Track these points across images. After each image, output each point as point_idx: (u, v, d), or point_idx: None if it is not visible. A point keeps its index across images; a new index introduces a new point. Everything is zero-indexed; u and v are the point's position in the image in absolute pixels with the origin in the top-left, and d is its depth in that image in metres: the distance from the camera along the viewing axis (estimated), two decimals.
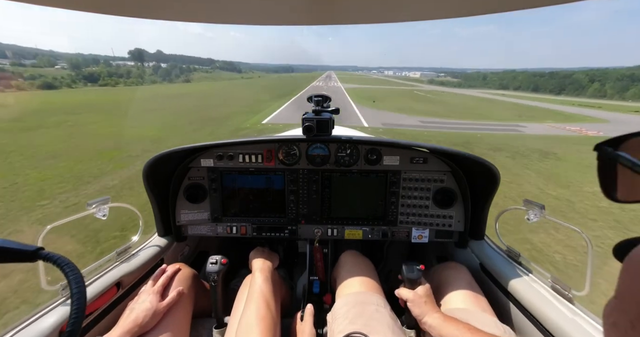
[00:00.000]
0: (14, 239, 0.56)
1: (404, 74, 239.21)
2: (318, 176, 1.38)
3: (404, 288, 1.08)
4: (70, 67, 64.24)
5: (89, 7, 0.67)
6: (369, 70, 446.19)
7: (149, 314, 0.93)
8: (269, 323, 0.92)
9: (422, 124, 16.42)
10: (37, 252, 0.54)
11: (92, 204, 1.09)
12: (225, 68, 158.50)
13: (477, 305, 1.04)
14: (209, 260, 1.13)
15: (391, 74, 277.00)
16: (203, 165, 1.37)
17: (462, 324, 0.87)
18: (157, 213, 1.37)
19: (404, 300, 1.05)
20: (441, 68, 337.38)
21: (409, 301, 1.02)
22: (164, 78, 74.70)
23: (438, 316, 0.93)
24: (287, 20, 0.77)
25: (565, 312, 0.89)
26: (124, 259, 1.19)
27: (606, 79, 75.55)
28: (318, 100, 1.32)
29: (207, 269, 1.11)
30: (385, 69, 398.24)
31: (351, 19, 0.76)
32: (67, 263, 0.54)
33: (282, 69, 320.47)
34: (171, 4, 0.65)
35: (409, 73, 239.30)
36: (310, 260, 1.43)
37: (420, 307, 0.98)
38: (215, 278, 1.10)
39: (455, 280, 1.16)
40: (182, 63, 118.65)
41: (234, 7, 0.66)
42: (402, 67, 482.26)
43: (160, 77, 74.17)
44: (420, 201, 1.38)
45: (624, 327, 0.24)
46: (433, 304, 1.00)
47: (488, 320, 0.97)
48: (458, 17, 0.70)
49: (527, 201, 1.09)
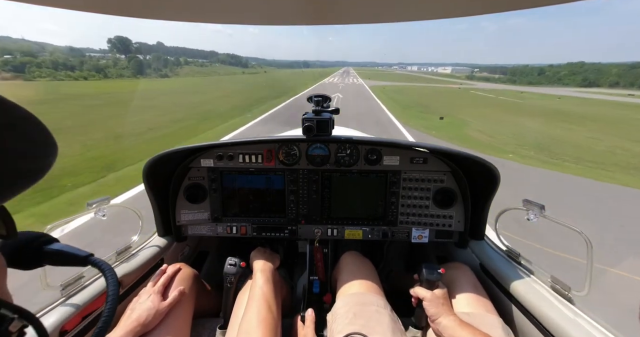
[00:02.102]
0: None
1: (431, 70, 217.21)
2: (318, 176, 1.38)
3: (420, 287, 1.07)
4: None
5: (89, 7, 0.67)
6: (389, 66, 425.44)
7: (151, 314, 0.93)
8: (270, 324, 0.93)
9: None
10: (88, 258, 0.62)
11: (92, 204, 1.09)
12: (228, 62, 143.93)
13: (482, 306, 1.04)
14: (228, 261, 1.15)
15: (415, 69, 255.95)
16: (203, 165, 1.37)
17: (479, 332, 0.86)
18: (157, 213, 1.37)
19: (419, 299, 1.05)
20: (469, 63, 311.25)
21: (426, 300, 1.01)
22: (139, 72, 58.63)
23: (454, 318, 0.93)
24: (287, 20, 0.77)
25: (565, 313, 0.89)
26: (124, 259, 1.18)
27: None
28: (318, 100, 1.31)
29: (225, 270, 1.13)
30: (407, 65, 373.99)
31: (351, 19, 0.76)
32: (109, 269, 0.61)
33: (297, 65, 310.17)
34: (172, 4, 0.65)
35: (437, 69, 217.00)
36: (310, 260, 1.42)
37: (437, 307, 0.98)
38: (231, 280, 1.12)
39: (460, 282, 1.15)
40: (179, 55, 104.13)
41: (234, 7, 0.67)
42: (425, 62, 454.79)
43: (132, 70, 58.32)
44: (420, 201, 1.37)
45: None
46: (449, 307, 1.00)
47: (495, 321, 0.97)
48: (460, 17, 0.71)
49: (526, 201, 1.08)
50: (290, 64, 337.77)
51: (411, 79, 74.93)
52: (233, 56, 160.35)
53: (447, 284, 1.13)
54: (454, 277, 1.17)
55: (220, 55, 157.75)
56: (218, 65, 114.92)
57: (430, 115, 15.08)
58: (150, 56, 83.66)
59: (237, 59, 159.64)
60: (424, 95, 29.72)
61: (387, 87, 38.15)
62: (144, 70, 62.57)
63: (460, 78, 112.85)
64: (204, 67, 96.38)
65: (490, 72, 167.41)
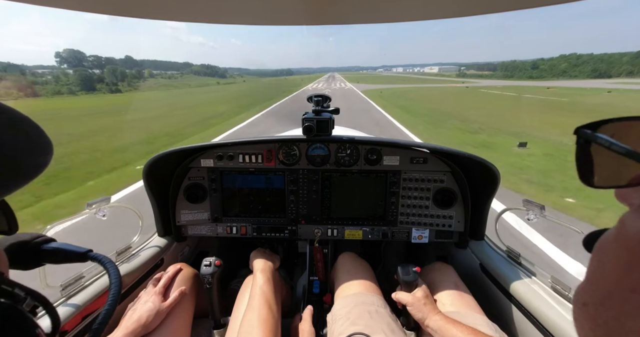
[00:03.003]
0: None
1: (417, 70, 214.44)
2: (318, 176, 1.37)
3: (401, 292, 1.06)
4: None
5: (88, 7, 0.67)
6: (373, 70, 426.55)
7: (152, 314, 0.93)
8: (271, 324, 0.93)
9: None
10: (87, 254, 0.64)
11: (92, 204, 1.09)
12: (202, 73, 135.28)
13: (465, 305, 1.04)
14: (203, 262, 1.13)
15: (401, 70, 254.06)
16: (203, 165, 1.36)
17: (464, 327, 0.87)
18: (157, 213, 1.36)
19: (402, 304, 1.05)
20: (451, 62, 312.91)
21: (408, 306, 1.01)
22: (87, 87, 49.34)
23: (439, 318, 0.93)
24: (287, 21, 0.77)
25: (565, 313, 0.88)
26: (124, 259, 1.18)
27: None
28: (318, 100, 1.30)
29: (201, 272, 1.11)
30: (392, 67, 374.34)
31: (351, 19, 0.76)
32: (109, 261, 0.64)
33: (280, 73, 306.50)
34: (171, 4, 0.65)
35: (423, 69, 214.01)
36: (310, 260, 1.41)
37: (421, 311, 0.97)
38: (209, 280, 1.09)
39: (441, 282, 1.15)
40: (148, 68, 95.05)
41: (234, 8, 0.66)
42: (408, 64, 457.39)
43: (78, 85, 49.06)
44: (420, 201, 1.36)
45: (593, 305, 0.27)
46: (433, 306, 1.00)
47: (478, 319, 0.97)
48: (460, 17, 0.71)
49: (526, 201, 1.08)
50: (274, 73, 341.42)
51: (404, 80, 68.62)
52: (209, 67, 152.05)
53: (430, 285, 1.12)
54: (436, 279, 1.18)
55: (195, 67, 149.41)
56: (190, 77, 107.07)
57: (490, 137, 8.98)
58: (105, 70, 74.46)
59: (213, 69, 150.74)
60: (435, 99, 23.08)
61: (384, 91, 30.48)
62: (94, 85, 53.65)
63: (451, 76, 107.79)
64: (173, 80, 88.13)
65: (477, 69, 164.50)
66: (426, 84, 50.78)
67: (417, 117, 13.31)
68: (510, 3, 0.61)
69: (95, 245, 0.67)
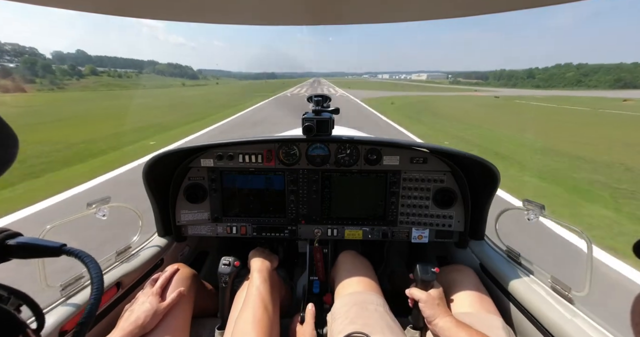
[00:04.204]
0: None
1: (404, 77, 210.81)
2: (318, 176, 1.37)
3: (415, 288, 1.06)
4: None
5: (89, 7, 0.66)
6: (359, 76, 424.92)
7: (150, 315, 0.93)
8: (266, 325, 0.92)
9: None
10: (61, 248, 0.61)
11: (92, 204, 1.08)
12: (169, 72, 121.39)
13: (483, 307, 1.04)
14: (222, 261, 1.13)
15: (387, 77, 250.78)
16: (203, 165, 1.36)
17: (475, 332, 0.85)
18: (157, 213, 1.36)
19: (414, 300, 1.04)
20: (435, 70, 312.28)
21: (421, 301, 1.00)
22: None
23: (450, 319, 0.92)
24: (287, 21, 0.76)
25: (565, 313, 0.88)
26: (124, 259, 1.17)
27: None
28: (318, 100, 1.29)
29: (220, 270, 1.11)
30: (377, 73, 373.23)
31: (351, 19, 0.75)
32: (87, 255, 0.61)
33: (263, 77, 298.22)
34: (171, 4, 0.65)
35: (411, 76, 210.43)
36: (310, 260, 1.41)
37: (433, 308, 0.97)
38: (226, 280, 1.10)
39: (461, 283, 1.14)
40: (103, 65, 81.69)
41: (233, 8, 0.66)
42: (394, 71, 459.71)
43: None
44: (420, 201, 1.36)
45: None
46: (445, 308, 0.99)
47: (496, 322, 0.96)
48: (460, 17, 0.70)
49: (526, 201, 1.07)
50: (256, 76, 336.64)
51: (404, 87, 60.80)
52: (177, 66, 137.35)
53: (449, 285, 1.12)
54: (457, 279, 1.16)
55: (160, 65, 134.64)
56: (150, 76, 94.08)
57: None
58: (20, 62, 60.52)
59: (182, 69, 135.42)
60: (479, 117, 15.28)
61: (396, 102, 21.26)
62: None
63: (443, 83, 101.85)
64: (124, 79, 74.82)
65: (465, 77, 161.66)
66: (438, 93, 42.10)
67: (524, 171, 5.94)
68: (511, 3, 0.61)
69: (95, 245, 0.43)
